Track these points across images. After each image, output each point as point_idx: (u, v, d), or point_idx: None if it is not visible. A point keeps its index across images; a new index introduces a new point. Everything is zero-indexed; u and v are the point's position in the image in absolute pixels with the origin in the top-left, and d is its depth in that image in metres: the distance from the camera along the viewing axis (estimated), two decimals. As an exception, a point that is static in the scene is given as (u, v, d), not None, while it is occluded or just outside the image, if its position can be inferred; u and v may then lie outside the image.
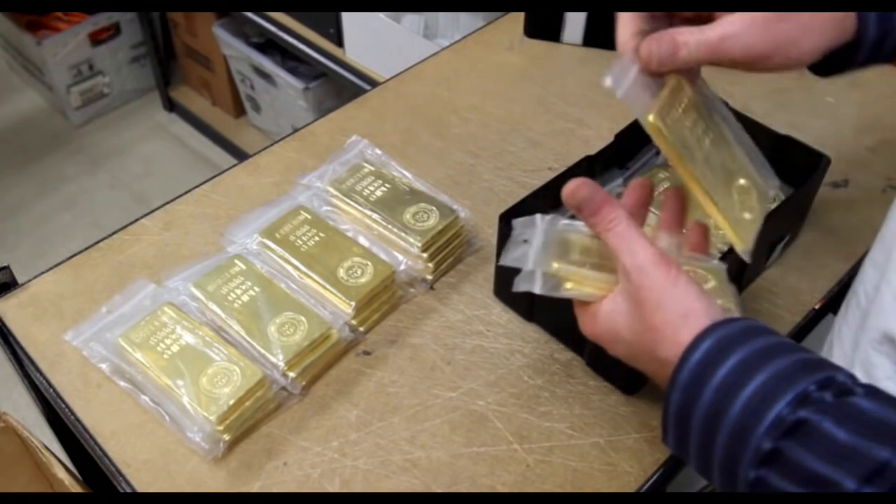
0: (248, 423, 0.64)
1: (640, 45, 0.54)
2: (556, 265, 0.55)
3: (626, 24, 0.55)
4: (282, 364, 0.65)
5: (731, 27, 0.52)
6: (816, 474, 0.40)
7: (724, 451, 0.44)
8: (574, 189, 0.53)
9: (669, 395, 0.47)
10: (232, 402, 0.62)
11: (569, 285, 0.55)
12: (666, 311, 0.49)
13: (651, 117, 0.52)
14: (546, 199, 0.73)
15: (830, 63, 0.57)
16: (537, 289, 0.55)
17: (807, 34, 0.53)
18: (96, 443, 0.64)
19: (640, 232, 0.52)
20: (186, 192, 0.83)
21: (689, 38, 0.53)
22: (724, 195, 0.56)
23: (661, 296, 0.49)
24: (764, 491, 0.42)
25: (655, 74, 0.54)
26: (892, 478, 0.38)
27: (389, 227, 0.75)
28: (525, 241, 0.56)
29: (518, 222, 0.58)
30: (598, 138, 0.88)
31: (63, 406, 0.66)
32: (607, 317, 0.53)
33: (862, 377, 0.54)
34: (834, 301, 0.75)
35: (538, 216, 0.58)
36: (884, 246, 0.58)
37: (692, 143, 0.55)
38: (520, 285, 0.55)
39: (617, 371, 0.67)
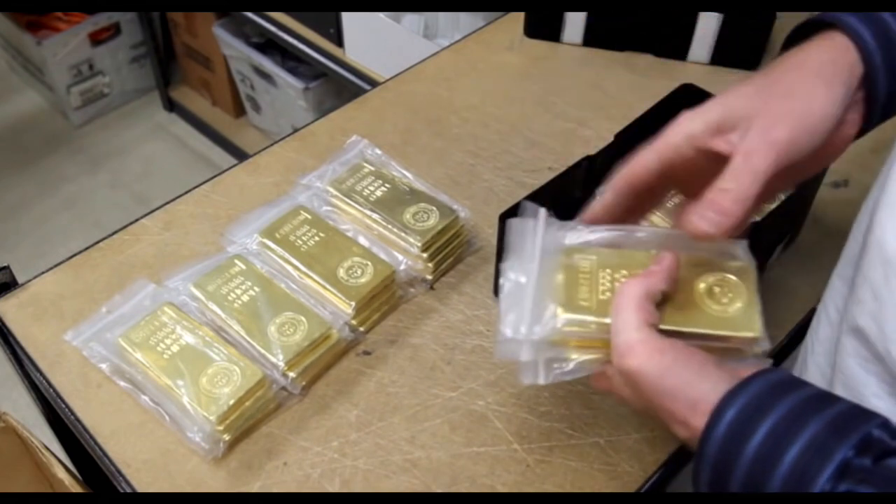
0: (248, 423, 0.64)
1: (690, 224, 0.48)
2: (560, 315, 0.50)
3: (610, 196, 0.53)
4: (282, 364, 0.65)
5: (748, 146, 0.47)
6: None
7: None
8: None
9: (699, 471, 0.43)
10: (232, 402, 0.62)
11: (574, 355, 0.51)
12: (669, 398, 0.46)
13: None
14: (546, 199, 0.73)
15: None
16: (542, 380, 0.51)
17: (811, 106, 0.47)
18: (96, 443, 0.64)
19: (639, 303, 0.48)
20: (186, 192, 0.83)
21: (727, 188, 0.47)
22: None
23: (658, 387, 0.46)
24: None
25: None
26: None
27: (389, 227, 0.74)
28: (516, 279, 0.52)
29: (514, 228, 0.54)
30: (598, 138, 0.88)
31: (63, 406, 0.66)
32: (619, 385, 0.50)
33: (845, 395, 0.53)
34: (834, 301, 0.75)
35: (531, 224, 0.53)
36: (848, 257, 0.55)
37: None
38: (524, 377, 0.52)
39: (617, 371, 0.67)
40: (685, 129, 0.49)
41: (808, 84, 0.47)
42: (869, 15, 0.49)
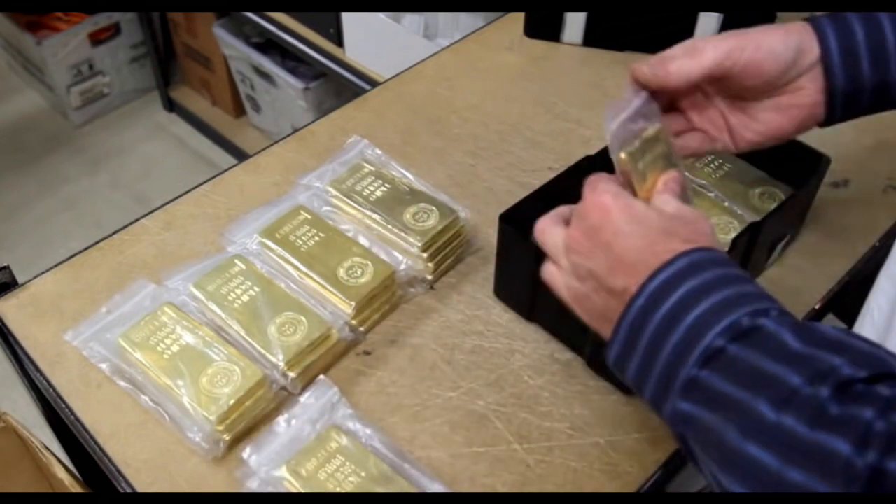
0: (248, 423, 0.64)
1: (634, 66, 0.60)
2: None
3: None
4: (282, 364, 0.65)
5: (703, 45, 0.59)
6: (761, 370, 0.41)
7: (672, 351, 0.45)
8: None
9: (633, 300, 0.47)
10: (232, 402, 0.62)
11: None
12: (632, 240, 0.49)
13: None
14: (546, 199, 0.73)
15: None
16: None
17: (765, 38, 0.58)
18: (96, 443, 0.64)
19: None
20: (186, 192, 0.83)
21: (676, 56, 0.58)
22: None
23: (624, 228, 0.50)
24: (696, 394, 0.43)
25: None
26: (836, 380, 0.39)
27: (389, 227, 0.75)
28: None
29: None
30: (598, 138, 0.88)
31: (63, 406, 0.66)
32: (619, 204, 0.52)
33: None
34: (834, 301, 0.75)
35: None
36: None
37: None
38: None
39: (617, 371, 0.67)
40: None
41: (771, 29, 0.59)
42: (843, 24, 0.58)
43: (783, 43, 0.57)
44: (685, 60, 0.58)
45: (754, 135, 0.61)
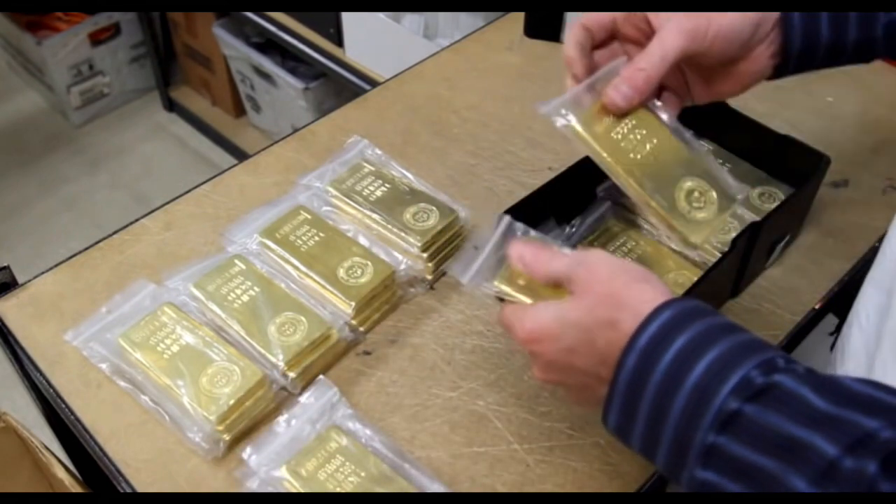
0: (248, 423, 0.64)
1: (605, 94, 0.59)
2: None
3: (573, 35, 0.63)
4: (282, 364, 0.65)
5: (662, 33, 0.57)
6: (790, 437, 0.38)
7: (681, 416, 0.42)
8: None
9: (623, 361, 0.45)
10: (232, 402, 0.62)
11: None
12: (624, 278, 0.48)
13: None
14: (546, 199, 0.73)
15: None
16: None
17: (723, 16, 0.56)
18: (96, 443, 0.64)
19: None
20: (186, 192, 0.83)
21: (643, 68, 0.57)
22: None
23: (614, 267, 0.49)
24: (717, 461, 0.40)
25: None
26: (877, 447, 0.36)
27: (389, 227, 0.75)
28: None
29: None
30: (598, 138, 0.88)
31: (63, 406, 0.66)
32: (551, 310, 0.50)
33: None
34: (834, 301, 0.75)
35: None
36: (886, 267, 0.56)
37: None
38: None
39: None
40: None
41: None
42: None
43: (740, 19, 0.56)
44: (652, 68, 0.57)
45: (705, 96, 0.62)
